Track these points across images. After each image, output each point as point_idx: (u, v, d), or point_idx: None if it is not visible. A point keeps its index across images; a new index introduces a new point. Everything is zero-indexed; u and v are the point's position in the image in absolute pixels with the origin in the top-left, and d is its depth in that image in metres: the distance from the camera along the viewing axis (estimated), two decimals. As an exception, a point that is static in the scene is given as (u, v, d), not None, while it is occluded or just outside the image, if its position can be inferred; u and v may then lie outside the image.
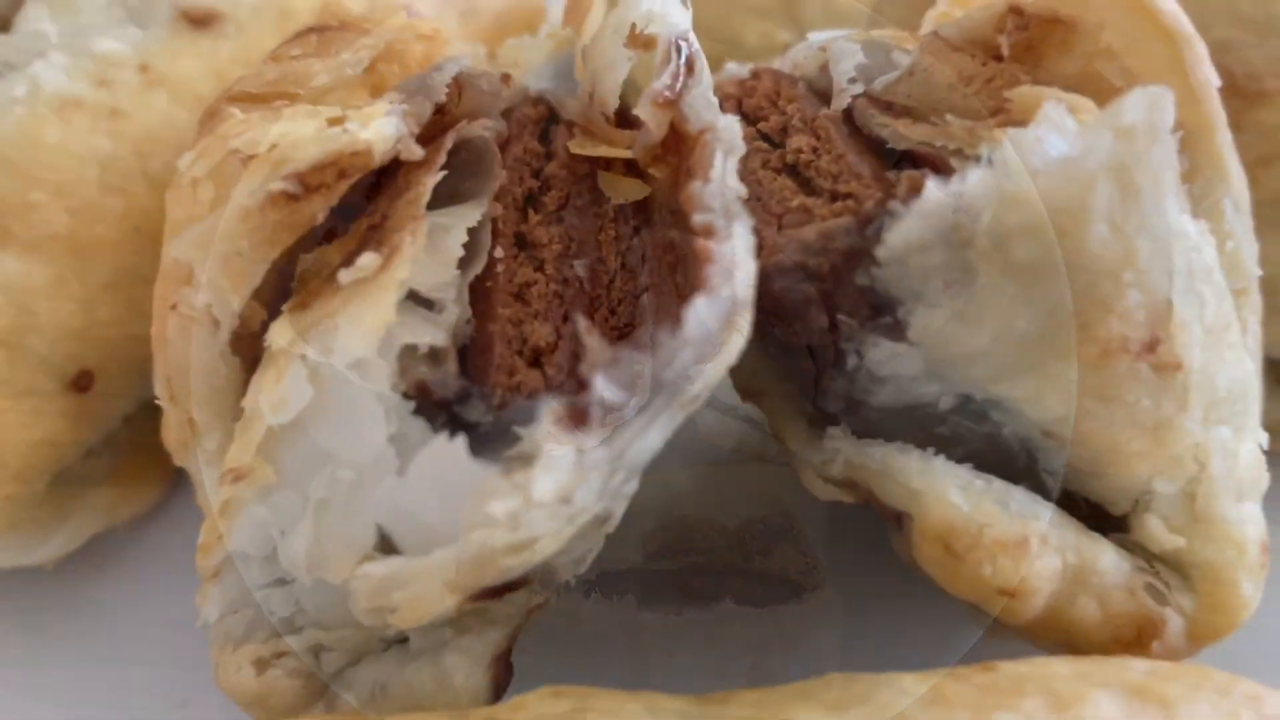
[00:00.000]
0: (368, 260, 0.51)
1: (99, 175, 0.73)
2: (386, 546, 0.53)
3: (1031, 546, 0.51)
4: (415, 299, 0.54)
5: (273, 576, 0.56)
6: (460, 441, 0.48)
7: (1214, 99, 0.57)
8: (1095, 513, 0.56)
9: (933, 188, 0.48)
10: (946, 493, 0.53)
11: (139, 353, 0.73)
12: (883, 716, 0.43)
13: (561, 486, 0.46)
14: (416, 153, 0.55)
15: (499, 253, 0.58)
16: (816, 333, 0.54)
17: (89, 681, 0.76)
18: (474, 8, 0.87)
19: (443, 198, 0.58)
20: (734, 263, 0.48)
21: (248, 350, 0.58)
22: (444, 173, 0.57)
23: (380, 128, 0.53)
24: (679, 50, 0.56)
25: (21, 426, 0.70)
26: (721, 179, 0.51)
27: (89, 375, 0.73)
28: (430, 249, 0.55)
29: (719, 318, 0.47)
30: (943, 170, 0.50)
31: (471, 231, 0.58)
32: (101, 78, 0.74)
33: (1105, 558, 0.53)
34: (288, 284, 0.59)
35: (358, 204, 0.59)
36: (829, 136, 0.58)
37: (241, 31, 0.78)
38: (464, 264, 0.57)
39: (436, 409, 0.52)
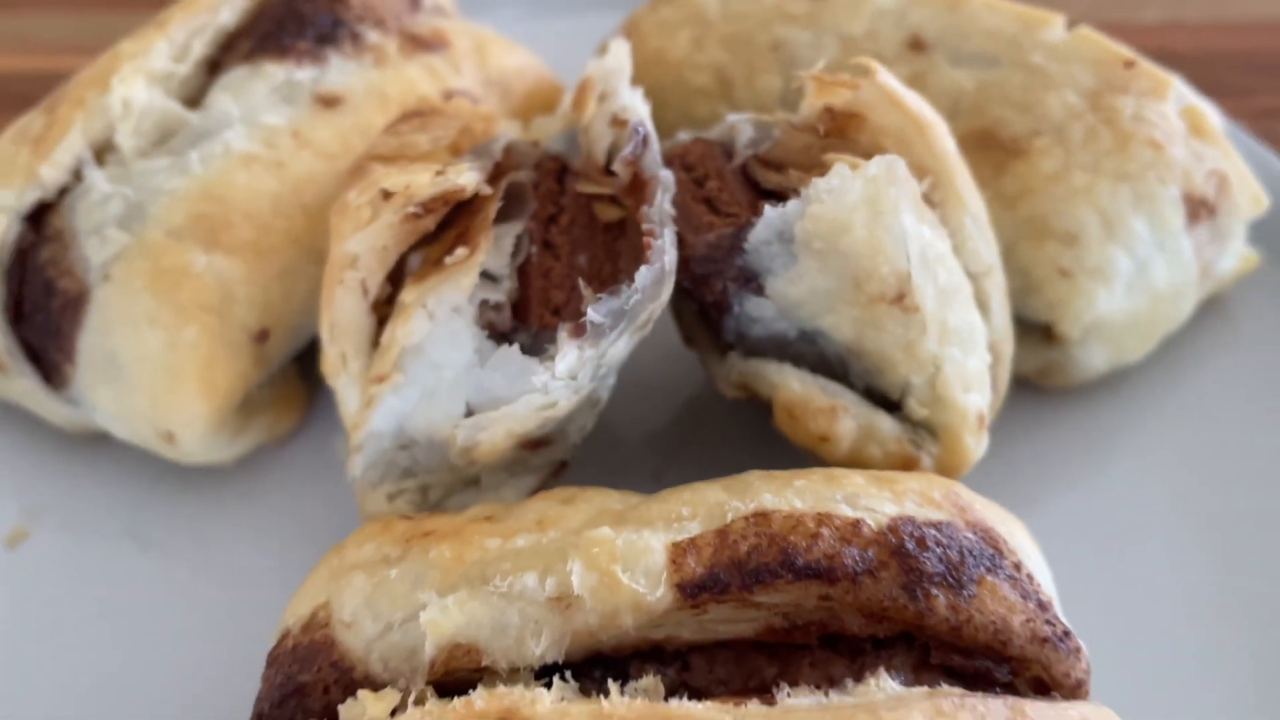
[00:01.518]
0: (460, 252, 0.74)
1: (270, 205, 0.93)
2: (469, 416, 0.76)
3: (837, 413, 0.77)
4: (486, 275, 0.76)
5: (398, 444, 0.79)
6: (515, 348, 0.72)
7: (952, 157, 0.79)
8: (883, 398, 0.80)
9: (769, 210, 0.73)
10: (790, 384, 0.78)
11: (296, 320, 0.95)
12: (739, 483, 0.69)
13: (570, 368, 0.71)
14: (487, 191, 0.78)
15: (533, 250, 0.79)
16: (717, 294, 0.79)
17: (249, 544, 0.94)
18: (509, 91, 1.07)
19: (499, 217, 0.79)
20: (664, 250, 0.72)
21: (380, 311, 0.79)
22: (501, 203, 0.79)
23: (467, 177, 0.76)
24: (639, 130, 0.79)
25: (227, 365, 0.89)
26: (660, 205, 0.76)
27: (266, 333, 0.92)
28: (494, 247, 0.78)
29: (655, 278, 0.72)
30: (785, 200, 0.74)
31: (517, 237, 0.80)
32: (268, 141, 0.95)
33: (884, 423, 0.78)
34: (401, 269, 0.79)
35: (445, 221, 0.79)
36: (729, 181, 0.81)
37: (357, 111, 0.99)
38: (514, 256, 0.79)
39: (500, 337, 0.76)
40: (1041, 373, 0.99)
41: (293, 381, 1.01)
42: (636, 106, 0.83)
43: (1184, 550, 0.91)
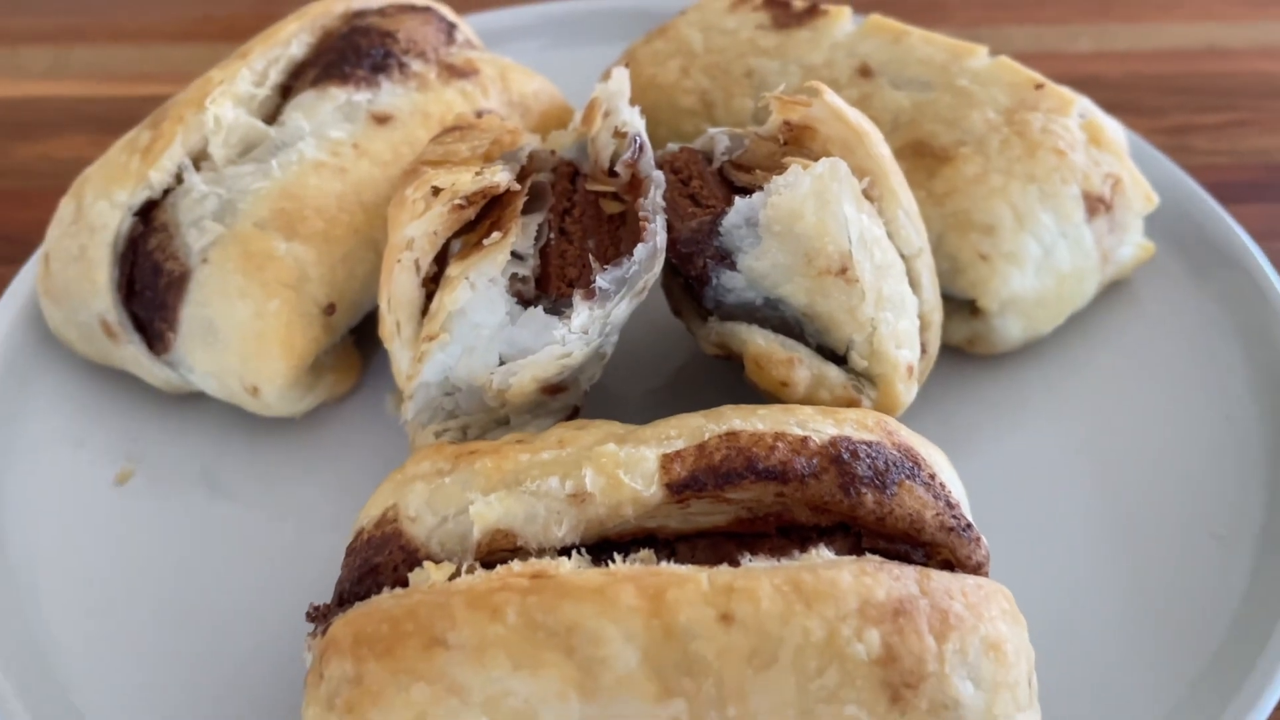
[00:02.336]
0: (495, 236, 0.85)
1: (336, 203, 1.05)
2: (502, 365, 0.88)
3: (794, 363, 0.89)
4: (515, 254, 0.87)
5: (444, 392, 0.90)
6: (539, 310, 0.84)
7: (887, 160, 0.90)
8: (831, 353, 0.90)
9: (739, 201, 0.85)
10: (757, 340, 0.89)
11: (356, 297, 1.07)
12: (715, 413, 0.81)
13: (583, 324, 0.83)
14: (516, 188, 0.89)
15: (552, 236, 0.90)
16: (699, 269, 0.90)
17: (310, 485, 1.06)
18: (528, 111, 1.20)
19: (525, 209, 0.90)
20: (656, 232, 0.85)
21: (427, 287, 0.90)
22: (526, 198, 0.90)
23: (501, 176, 0.88)
24: (636, 140, 0.92)
25: (303, 331, 1.02)
26: (653, 198, 0.88)
27: (333, 306, 1.04)
28: (521, 232, 0.89)
29: (649, 253, 0.84)
30: (752, 194, 0.84)
31: (539, 225, 0.90)
32: (334, 151, 1.07)
33: (832, 372, 0.89)
34: (444, 253, 0.90)
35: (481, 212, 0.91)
36: (708, 180, 0.93)
37: (404, 126, 1.11)
38: (536, 240, 0.90)
39: (526, 302, 0.86)
40: (969, 342, 1.11)
41: (350, 350, 1.14)
42: (634, 121, 0.96)
43: (1083, 485, 1.05)
